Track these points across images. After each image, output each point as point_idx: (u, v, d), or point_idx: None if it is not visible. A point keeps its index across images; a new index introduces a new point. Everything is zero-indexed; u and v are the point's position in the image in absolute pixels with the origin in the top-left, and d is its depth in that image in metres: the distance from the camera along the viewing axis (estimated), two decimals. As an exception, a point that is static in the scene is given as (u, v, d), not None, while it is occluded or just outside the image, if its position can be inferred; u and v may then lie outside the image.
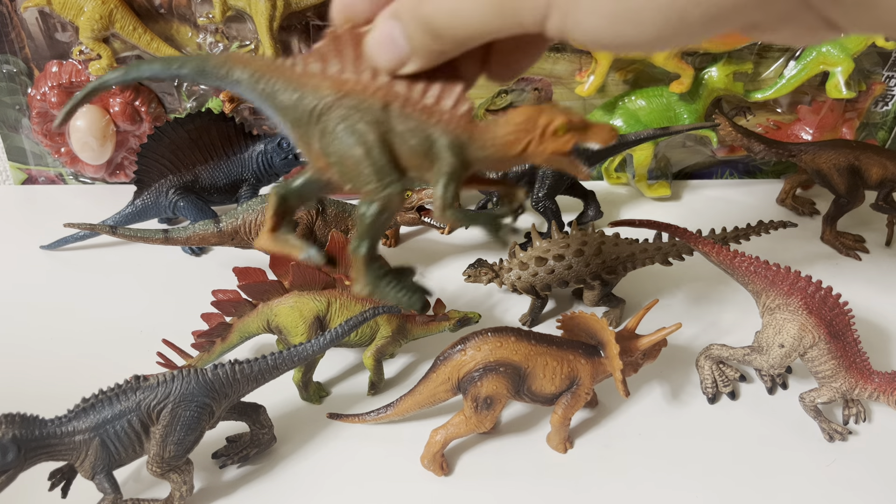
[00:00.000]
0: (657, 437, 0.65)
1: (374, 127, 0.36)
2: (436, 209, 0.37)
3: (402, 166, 0.37)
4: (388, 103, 0.36)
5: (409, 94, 0.36)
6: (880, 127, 1.06)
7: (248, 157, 0.91)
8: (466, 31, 0.33)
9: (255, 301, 0.67)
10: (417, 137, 0.36)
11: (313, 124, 0.37)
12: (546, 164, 0.37)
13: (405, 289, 0.39)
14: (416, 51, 0.35)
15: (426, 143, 0.37)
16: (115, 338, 0.76)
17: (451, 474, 0.61)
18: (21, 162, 1.05)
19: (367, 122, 0.36)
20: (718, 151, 1.06)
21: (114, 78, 0.40)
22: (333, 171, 0.38)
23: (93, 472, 0.53)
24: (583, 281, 0.75)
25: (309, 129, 0.37)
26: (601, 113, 1.01)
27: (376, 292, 0.39)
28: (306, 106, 0.37)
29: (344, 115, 0.36)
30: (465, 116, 0.36)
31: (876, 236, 0.95)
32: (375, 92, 0.36)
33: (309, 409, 0.67)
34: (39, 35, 0.95)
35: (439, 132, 0.36)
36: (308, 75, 0.37)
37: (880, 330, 0.78)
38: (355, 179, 0.37)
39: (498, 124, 0.37)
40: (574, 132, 0.36)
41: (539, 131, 0.36)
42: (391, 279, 0.39)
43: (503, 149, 0.37)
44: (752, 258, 0.68)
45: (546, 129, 0.36)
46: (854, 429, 0.66)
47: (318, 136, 0.37)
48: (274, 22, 0.91)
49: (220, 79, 0.39)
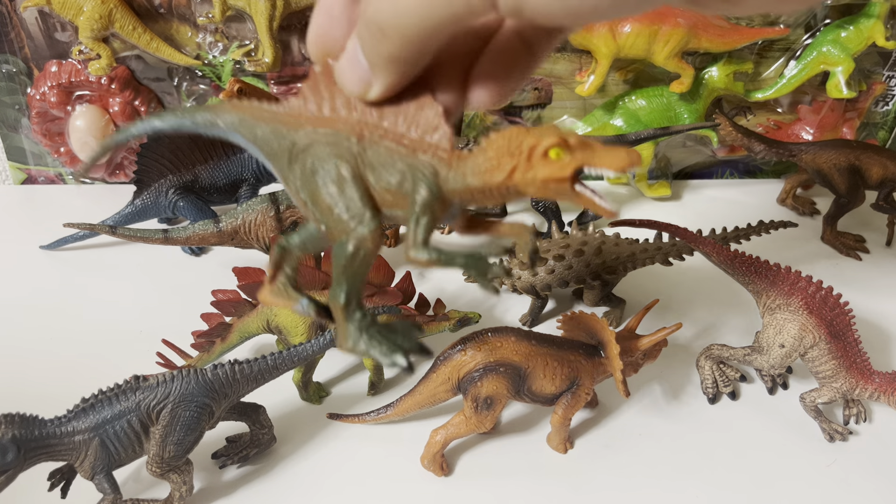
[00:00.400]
0: (657, 437, 0.65)
1: (347, 162, 0.33)
2: (407, 249, 0.32)
3: (377, 203, 0.34)
4: (360, 136, 0.33)
5: (381, 122, 0.33)
6: (881, 127, 1.06)
7: (247, 157, 0.91)
8: (411, 21, 0.29)
9: (254, 301, 0.67)
10: (391, 170, 0.33)
11: (293, 165, 0.35)
12: (545, 195, 0.31)
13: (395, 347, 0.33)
14: (373, 63, 0.32)
15: (400, 176, 0.33)
16: (114, 338, 0.75)
17: (451, 474, 0.61)
18: (21, 162, 1.05)
19: (340, 157, 0.33)
20: (719, 151, 1.06)
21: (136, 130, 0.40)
22: (310, 213, 0.35)
23: (92, 473, 0.53)
24: (583, 281, 0.74)
25: (291, 170, 0.35)
26: (601, 113, 1.00)
27: (358, 349, 0.33)
28: (286, 146, 0.35)
29: (318, 152, 0.34)
30: (441, 142, 0.32)
31: (876, 236, 0.95)
32: (348, 124, 0.34)
33: (309, 410, 0.67)
34: (39, 35, 0.95)
35: (412, 162, 0.33)
36: (290, 115, 0.35)
37: (881, 330, 0.78)
38: (328, 220, 0.34)
39: (479, 149, 0.32)
40: (574, 155, 0.30)
41: (525, 154, 0.31)
42: (379, 334, 0.33)
43: (484, 177, 0.32)
44: (752, 258, 0.68)
45: (533, 152, 0.30)
46: (855, 429, 0.66)
47: (297, 177, 0.35)
48: (274, 22, 0.91)
49: (213, 130, 0.37)
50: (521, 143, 0.31)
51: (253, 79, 0.97)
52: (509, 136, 0.31)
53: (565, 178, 0.30)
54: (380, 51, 0.31)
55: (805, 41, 0.97)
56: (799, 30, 0.96)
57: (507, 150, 0.31)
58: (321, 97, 0.35)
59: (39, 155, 1.04)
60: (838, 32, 0.94)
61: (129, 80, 0.97)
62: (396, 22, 0.30)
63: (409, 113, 0.33)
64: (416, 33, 0.30)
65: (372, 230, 0.33)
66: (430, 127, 0.33)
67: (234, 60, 0.96)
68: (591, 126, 1.01)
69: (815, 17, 0.96)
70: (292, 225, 0.79)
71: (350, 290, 0.33)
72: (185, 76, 0.98)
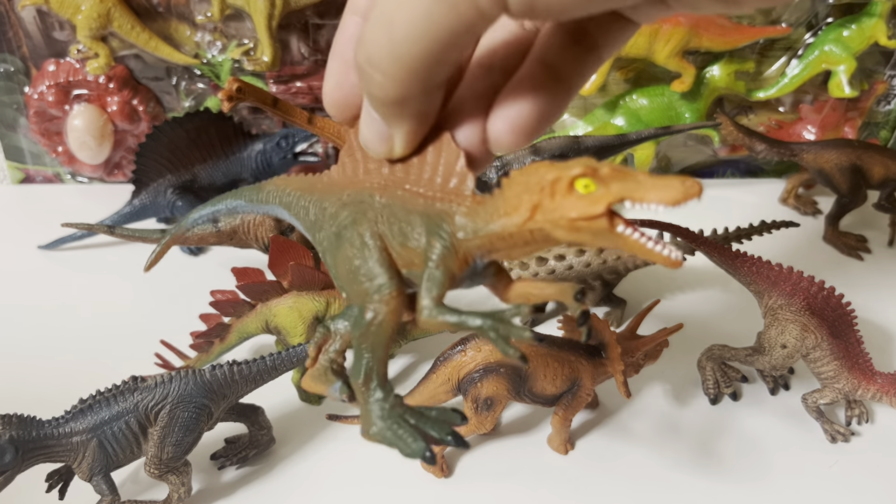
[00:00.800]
0: (659, 437, 0.65)
1: (368, 223, 0.30)
2: (417, 312, 0.28)
3: (397, 266, 0.30)
4: (382, 192, 0.31)
5: (405, 175, 0.30)
6: (882, 126, 1.06)
7: (246, 157, 0.91)
8: (412, 46, 0.25)
9: (253, 301, 0.66)
10: (409, 225, 0.29)
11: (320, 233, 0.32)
12: (579, 239, 0.26)
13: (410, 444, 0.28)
14: (384, 114, 0.28)
15: (418, 231, 0.29)
16: (112, 338, 0.75)
17: (450, 476, 0.61)
18: (19, 161, 1.05)
19: (361, 219, 0.31)
20: (720, 151, 1.06)
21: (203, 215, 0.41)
22: (337, 283, 0.32)
23: (90, 474, 0.53)
24: (584, 281, 0.74)
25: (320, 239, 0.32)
26: (602, 112, 1.00)
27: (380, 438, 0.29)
28: (320, 215, 0.33)
29: (342, 216, 0.31)
30: (460, 188, 0.29)
31: (878, 236, 0.95)
32: (374, 183, 0.31)
33: (308, 411, 0.67)
34: (37, 33, 0.94)
35: (430, 213, 0.29)
36: (325, 183, 0.33)
37: (883, 330, 0.78)
38: (351, 288, 0.30)
39: (498, 190, 0.28)
40: (608, 187, 0.24)
41: (548, 190, 0.25)
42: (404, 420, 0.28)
43: (503, 221, 0.27)
44: (754, 258, 0.67)
45: (556, 186, 0.25)
46: (856, 430, 0.66)
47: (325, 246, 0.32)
48: (273, 20, 0.91)
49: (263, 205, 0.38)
50: (543, 177, 0.26)
51: (252, 78, 0.97)
52: (529, 172, 0.27)
53: (597, 215, 0.24)
54: (385, 96, 0.27)
55: (807, 40, 0.97)
56: (801, 29, 0.96)
57: (526, 186, 0.26)
58: (356, 160, 0.32)
59: (37, 154, 1.04)
60: (840, 31, 0.94)
61: (127, 80, 0.97)
62: (394, 53, 0.26)
63: (430, 161, 0.30)
64: (420, 59, 0.26)
65: (386, 295, 0.29)
66: (450, 173, 0.29)
67: (232, 59, 0.96)
68: (591, 125, 1.01)
69: (816, 15, 0.96)
70: (291, 225, 0.79)
71: (369, 365, 0.29)
72: (183, 75, 0.98)
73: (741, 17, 0.94)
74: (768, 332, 0.65)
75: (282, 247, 0.64)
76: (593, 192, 0.25)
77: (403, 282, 0.30)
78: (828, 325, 0.63)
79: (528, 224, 0.26)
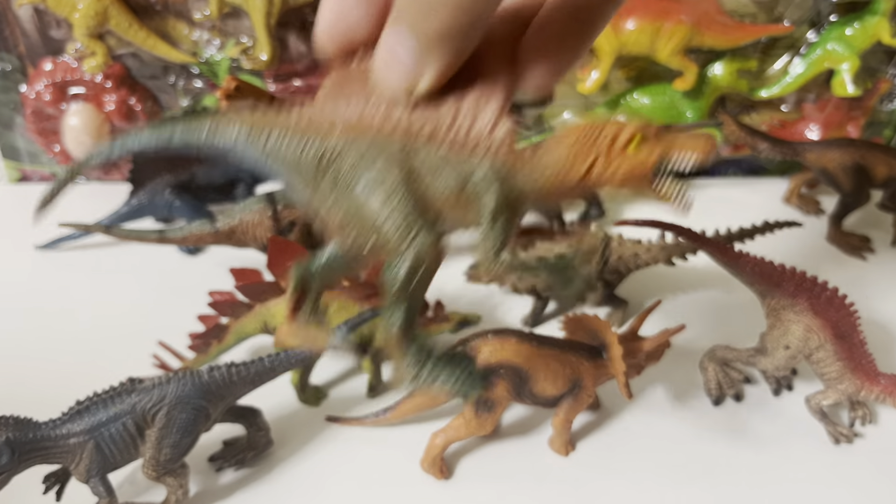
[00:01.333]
0: (660, 439, 0.65)
1: (394, 168, 0.30)
2: (483, 260, 0.30)
3: (432, 212, 0.30)
4: (408, 139, 0.30)
5: (434, 123, 0.30)
6: (886, 125, 1.05)
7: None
8: None
9: (251, 302, 0.66)
10: (448, 175, 0.30)
11: (322, 175, 0.31)
12: (621, 192, 0.29)
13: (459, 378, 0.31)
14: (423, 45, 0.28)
15: (460, 181, 0.30)
16: (110, 339, 0.75)
17: (451, 477, 0.61)
18: (15, 160, 1.04)
19: (385, 163, 0.30)
20: (722, 150, 1.05)
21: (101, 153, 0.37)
22: (351, 231, 0.31)
23: (87, 476, 0.53)
24: (586, 281, 0.74)
25: (318, 182, 0.31)
26: (604, 111, 1.00)
27: (421, 381, 0.31)
28: (313, 155, 0.31)
29: (356, 159, 0.30)
30: (506, 141, 0.29)
31: (882, 236, 0.94)
32: (392, 127, 0.30)
33: (307, 412, 0.67)
34: (34, 32, 0.94)
35: (472, 164, 0.30)
36: (312, 120, 0.32)
37: (887, 331, 0.77)
38: (375, 238, 0.30)
39: (548, 147, 0.30)
40: (654, 144, 0.28)
41: (606, 146, 0.28)
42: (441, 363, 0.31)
43: (560, 175, 0.29)
44: (756, 258, 0.67)
45: (615, 142, 0.28)
46: (860, 431, 0.66)
47: (329, 190, 0.31)
48: (271, 18, 0.90)
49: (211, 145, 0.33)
50: (599, 136, 0.29)
51: (250, 76, 0.97)
52: (583, 130, 0.29)
53: (647, 170, 0.28)
54: (430, 27, 0.27)
55: (810, 38, 0.97)
56: (804, 27, 0.96)
57: (584, 142, 0.29)
58: (346, 99, 0.31)
59: (34, 153, 1.03)
60: (843, 30, 0.94)
61: (124, 78, 0.97)
62: None
63: (463, 108, 0.30)
64: None
65: (431, 242, 0.30)
66: (489, 122, 0.30)
67: (230, 58, 0.95)
68: (592, 124, 1.00)
69: (819, 13, 0.95)
70: (290, 225, 0.78)
71: (407, 316, 0.30)
72: (181, 74, 0.98)
73: (744, 16, 0.94)
74: (771, 333, 0.65)
75: (280, 247, 0.63)
76: (643, 151, 0.28)
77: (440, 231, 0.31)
78: (831, 326, 0.62)
79: (584, 179, 0.29)
